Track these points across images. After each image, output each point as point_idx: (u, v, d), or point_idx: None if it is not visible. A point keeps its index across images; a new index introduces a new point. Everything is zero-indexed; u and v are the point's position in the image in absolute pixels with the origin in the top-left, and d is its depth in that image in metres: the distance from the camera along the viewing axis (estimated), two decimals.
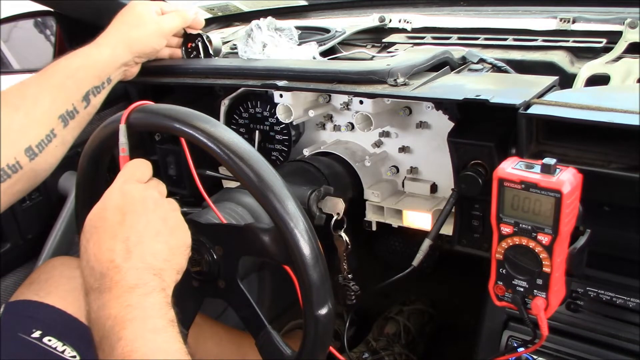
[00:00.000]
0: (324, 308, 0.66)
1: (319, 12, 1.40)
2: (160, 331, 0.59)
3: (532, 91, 0.79)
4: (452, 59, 0.97)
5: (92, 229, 0.65)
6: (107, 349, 0.57)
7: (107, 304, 0.59)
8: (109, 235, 0.63)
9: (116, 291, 0.60)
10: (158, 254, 0.64)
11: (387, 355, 1.41)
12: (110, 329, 0.58)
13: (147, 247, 0.63)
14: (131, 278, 0.61)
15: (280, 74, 0.93)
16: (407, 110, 1.04)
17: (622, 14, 1.01)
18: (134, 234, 0.63)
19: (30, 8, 1.23)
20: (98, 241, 0.63)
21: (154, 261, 0.63)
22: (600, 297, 0.81)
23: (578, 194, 0.67)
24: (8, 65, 1.33)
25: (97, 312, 0.60)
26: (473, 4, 1.21)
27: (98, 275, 0.61)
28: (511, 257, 0.71)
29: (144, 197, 0.67)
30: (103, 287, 0.61)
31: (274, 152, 1.22)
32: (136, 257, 0.62)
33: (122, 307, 0.58)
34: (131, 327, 0.57)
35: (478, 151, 0.82)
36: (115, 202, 0.66)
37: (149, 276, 0.62)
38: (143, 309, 0.59)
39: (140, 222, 0.64)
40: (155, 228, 0.65)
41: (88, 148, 0.78)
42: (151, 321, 0.59)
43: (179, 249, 0.67)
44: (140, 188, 0.68)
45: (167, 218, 0.67)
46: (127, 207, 0.65)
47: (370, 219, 1.10)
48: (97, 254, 0.63)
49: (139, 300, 0.59)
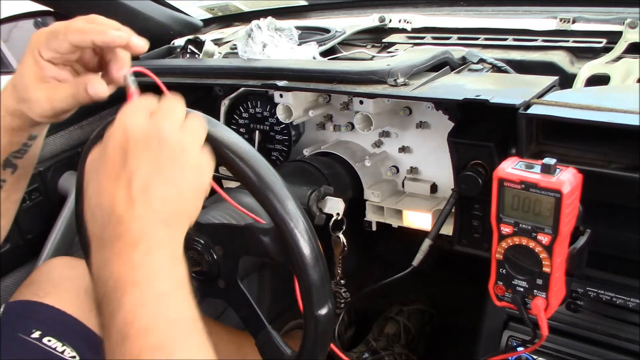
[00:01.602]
0: (324, 308, 0.66)
1: (319, 12, 1.40)
2: (166, 296, 0.53)
3: (532, 91, 0.79)
4: (452, 59, 0.97)
5: (92, 171, 0.58)
6: (107, 314, 0.52)
7: (109, 261, 0.54)
8: (110, 179, 0.56)
9: (119, 247, 0.54)
10: (166, 198, 0.56)
11: (387, 355, 1.41)
12: (112, 291, 0.52)
13: (153, 191, 0.55)
14: (135, 230, 0.54)
15: (280, 74, 0.93)
16: (407, 110, 1.04)
17: (622, 14, 1.01)
18: (138, 177, 0.55)
19: (30, 8, 1.23)
20: (99, 186, 0.57)
21: (161, 207, 0.56)
22: (600, 297, 0.81)
23: (578, 194, 0.67)
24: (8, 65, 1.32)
25: (99, 269, 0.54)
26: (473, 4, 1.21)
27: (100, 225, 0.56)
28: (511, 257, 0.71)
29: (148, 132, 0.57)
30: (105, 239, 0.55)
31: (274, 152, 1.22)
32: (140, 204, 0.55)
33: (124, 267, 0.53)
34: (134, 293, 0.52)
35: (478, 151, 0.82)
36: (116, 140, 0.57)
37: (155, 226, 0.55)
38: (147, 270, 0.53)
39: (144, 163, 0.56)
40: (162, 168, 0.56)
41: (88, 148, 0.78)
42: (156, 285, 0.53)
43: (189, 193, 0.58)
44: (145, 122, 0.57)
45: (177, 156, 0.57)
46: (129, 145, 0.56)
47: (370, 219, 1.10)
48: (98, 201, 0.56)
49: (142, 259, 0.53)
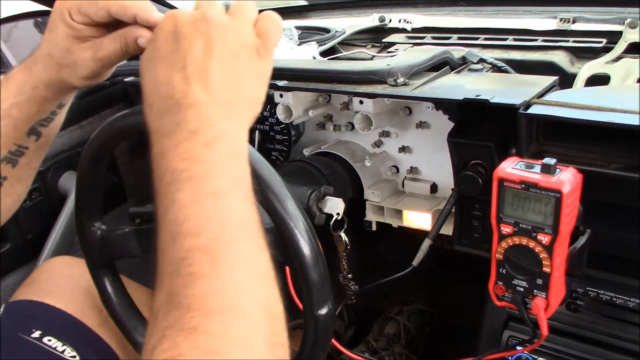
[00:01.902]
0: (324, 308, 0.66)
1: (319, 12, 1.41)
2: (221, 195, 0.49)
3: (532, 91, 0.79)
4: (452, 59, 0.97)
5: (147, 63, 0.56)
6: (160, 212, 0.49)
7: (166, 153, 0.51)
8: (165, 65, 0.54)
9: (175, 137, 0.51)
10: (223, 82, 0.54)
11: (387, 355, 1.41)
12: (167, 187, 0.50)
13: (209, 73, 0.53)
14: (193, 118, 0.51)
15: (280, 74, 0.93)
16: (407, 110, 1.04)
17: (622, 14, 1.01)
18: (192, 60, 0.54)
19: (30, 8, 1.23)
20: (154, 75, 0.55)
21: (220, 92, 0.53)
22: (600, 297, 0.81)
23: (578, 194, 0.67)
24: (8, 65, 1.32)
25: (157, 159, 0.52)
26: (473, 4, 1.21)
27: (157, 113, 0.53)
28: (511, 257, 0.71)
29: (194, 16, 0.55)
30: (163, 128, 0.52)
31: (274, 152, 1.22)
32: (197, 87, 0.53)
33: (180, 159, 0.50)
34: (187, 189, 0.48)
35: (478, 151, 0.82)
36: (165, 28, 0.56)
37: (214, 114, 0.52)
38: (204, 165, 0.50)
39: (196, 46, 0.54)
40: (215, 50, 0.54)
41: (88, 148, 0.78)
42: (213, 182, 0.49)
43: (247, 79, 0.56)
44: (189, 11, 0.57)
45: (227, 37, 0.55)
46: (178, 30, 0.55)
47: (370, 219, 1.10)
48: (155, 88, 0.54)
49: (199, 152, 0.50)
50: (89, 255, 0.84)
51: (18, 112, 0.75)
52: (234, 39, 0.56)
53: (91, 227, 0.82)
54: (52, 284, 0.93)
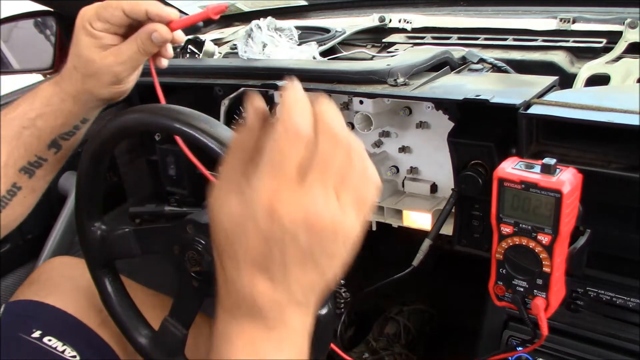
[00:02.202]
0: (324, 308, 0.66)
1: (319, 12, 1.41)
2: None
3: (532, 91, 0.79)
4: (452, 59, 0.97)
5: (224, 241, 0.46)
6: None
7: (235, 341, 0.47)
8: (251, 269, 0.45)
9: (249, 333, 0.46)
10: (307, 284, 0.46)
11: (387, 355, 1.41)
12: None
13: (293, 276, 0.45)
14: (271, 315, 0.46)
15: (280, 74, 0.93)
16: (407, 110, 1.04)
17: (622, 14, 1.01)
18: (276, 265, 0.44)
19: (30, 8, 1.23)
20: (235, 261, 0.45)
21: (301, 293, 0.46)
22: (600, 297, 0.81)
23: (578, 194, 0.67)
24: (8, 65, 1.32)
25: (219, 339, 0.48)
26: (473, 4, 1.21)
27: (233, 301, 0.47)
28: (511, 257, 0.71)
29: (296, 219, 0.42)
30: (236, 315, 0.47)
31: None
32: (280, 290, 0.45)
33: (249, 354, 0.46)
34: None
35: (478, 151, 0.82)
36: (260, 224, 0.43)
37: (291, 312, 0.46)
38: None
39: (292, 257, 0.44)
40: (312, 261, 0.44)
41: (88, 148, 0.78)
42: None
43: (334, 275, 0.47)
44: (292, 196, 0.42)
45: (329, 246, 0.44)
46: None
47: (370, 219, 1.10)
48: (234, 278, 0.46)
49: (268, 349, 0.46)
50: (89, 255, 0.84)
51: (43, 123, 0.77)
52: (337, 244, 0.45)
53: (91, 227, 0.82)
54: (52, 284, 0.93)
